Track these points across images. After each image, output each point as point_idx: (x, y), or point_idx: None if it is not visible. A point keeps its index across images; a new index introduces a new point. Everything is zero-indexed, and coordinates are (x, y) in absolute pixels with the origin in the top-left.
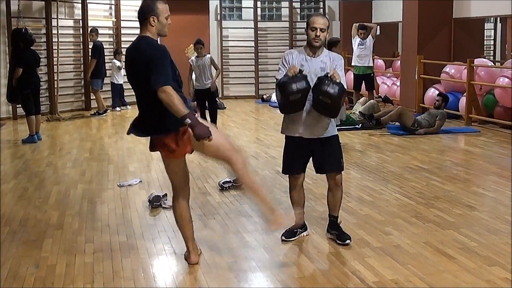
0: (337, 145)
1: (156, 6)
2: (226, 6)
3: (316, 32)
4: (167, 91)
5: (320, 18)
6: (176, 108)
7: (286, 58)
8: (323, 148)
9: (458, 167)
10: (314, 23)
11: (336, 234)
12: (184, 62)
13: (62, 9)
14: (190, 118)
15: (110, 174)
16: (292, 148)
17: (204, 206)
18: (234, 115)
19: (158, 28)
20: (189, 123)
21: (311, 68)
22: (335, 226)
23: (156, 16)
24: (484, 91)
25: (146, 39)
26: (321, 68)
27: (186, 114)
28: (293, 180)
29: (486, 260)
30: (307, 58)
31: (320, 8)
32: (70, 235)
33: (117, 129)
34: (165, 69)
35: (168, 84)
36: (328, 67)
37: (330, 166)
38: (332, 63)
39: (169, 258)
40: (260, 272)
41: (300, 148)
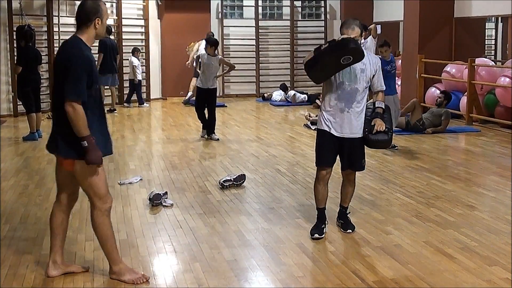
0: (362, 146)
1: (101, 7)
2: (227, 4)
3: None
4: (76, 108)
5: (350, 31)
6: (78, 127)
7: None
8: (352, 147)
9: (458, 167)
10: (344, 34)
11: (342, 223)
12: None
13: (63, 7)
14: (88, 141)
15: (111, 172)
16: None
17: (205, 204)
18: (234, 113)
19: (100, 31)
20: (85, 146)
21: (351, 69)
22: (343, 216)
23: (101, 18)
24: (485, 90)
25: (75, 42)
26: (361, 69)
27: (86, 136)
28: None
29: (486, 260)
30: None
31: (322, 7)
32: (71, 233)
33: (118, 127)
34: (80, 81)
35: (79, 99)
36: (368, 69)
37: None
38: (371, 67)
39: (169, 257)
40: (260, 271)
41: (332, 144)
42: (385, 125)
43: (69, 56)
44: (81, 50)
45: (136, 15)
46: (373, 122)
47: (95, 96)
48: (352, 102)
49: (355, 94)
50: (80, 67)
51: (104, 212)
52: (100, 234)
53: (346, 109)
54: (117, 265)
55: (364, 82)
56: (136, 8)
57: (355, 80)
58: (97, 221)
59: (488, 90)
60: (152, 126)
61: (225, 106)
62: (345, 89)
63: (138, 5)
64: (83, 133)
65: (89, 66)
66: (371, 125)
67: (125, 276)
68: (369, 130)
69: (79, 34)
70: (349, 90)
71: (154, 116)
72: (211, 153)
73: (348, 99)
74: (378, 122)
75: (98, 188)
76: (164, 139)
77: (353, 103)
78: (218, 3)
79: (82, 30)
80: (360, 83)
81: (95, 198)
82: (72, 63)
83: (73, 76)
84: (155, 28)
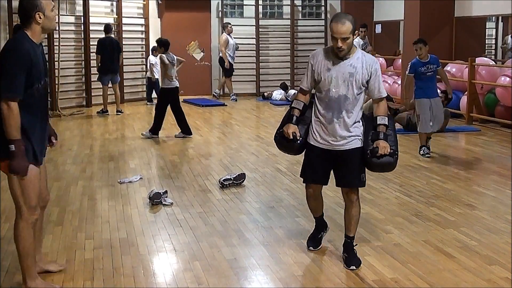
0: (359, 158)
1: (39, 1)
2: (227, 3)
3: (337, 42)
4: (11, 107)
5: (340, 25)
6: (10, 128)
7: (311, 63)
8: (346, 160)
9: (458, 166)
10: (333, 32)
11: (346, 256)
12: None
13: (63, 6)
14: (16, 146)
15: (111, 170)
16: (313, 158)
17: (204, 203)
18: (235, 112)
19: (46, 24)
20: (12, 150)
21: (338, 73)
22: (348, 247)
23: (41, 11)
24: (485, 90)
25: (18, 37)
26: (350, 73)
27: (16, 140)
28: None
29: (486, 259)
30: (334, 61)
31: (322, 6)
32: (70, 232)
33: (118, 125)
34: (16, 78)
35: (15, 97)
36: (358, 73)
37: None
38: (364, 70)
39: (169, 255)
40: (260, 270)
41: (321, 159)
42: (389, 147)
43: (5, 51)
44: (20, 45)
45: (136, 14)
46: (375, 144)
47: (38, 96)
48: (341, 111)
49: (344, 102)
50: (15, 63)
51: (30, 224)
52: (22, 247)
53: (335, 119)
54: (33, 280)
55: (355, 88)
56: (136, 7)
57: (342, 85)
58: (22, 233)
59: (488, 89)
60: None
61: (225, 105)
62: (332, 96)
63: (139, 4)
64: (13, 136)
65: (27, 62)
66: (373, 147)
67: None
68: (371, 153)
69: (25, 29)
70: (337, 98)
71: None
72: (211, 152)
73: (337, 108)
74: (381, 145)
75: (30, 198)
76: (164, 138)
77: (342, 112)
78: (218, 2)
79: (26, 26)
80: (349, 89)
81: (23, 208)
82: (7, 59)
83: (7, 73)
84: (155, 27)
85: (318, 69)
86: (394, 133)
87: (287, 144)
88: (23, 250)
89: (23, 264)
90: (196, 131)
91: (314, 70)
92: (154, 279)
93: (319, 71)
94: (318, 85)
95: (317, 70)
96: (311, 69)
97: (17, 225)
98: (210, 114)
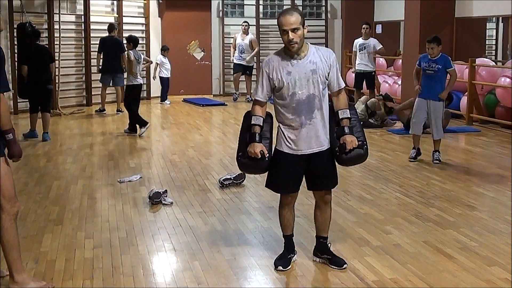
0: (332, 157)
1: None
2: (228, 3)
3: (288, 35)
4: (3, 100)
5: (288, 16)
6: (6, 119)
7: (266, 71)
8: (318, 162)
9: (458, 167)
10: (282, 24)
11: (329, 258)
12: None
13: (64, 4)
14: (13, 134)
15: (111, 170)
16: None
17: (204, 203)
18: (235, 112)
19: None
20: (9, 138)
21: (300, 73)
22: (325, 249)
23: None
24: (485, 90)
25: None
26: (312, 70)
27: (11, 129)
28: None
29: (485, 260)
30: (292, 62)
31: (322, 6)
32: (70, 231)
33: (118, 125)
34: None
35: (7, 90)
36: (320, 68)
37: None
38: (323, 63)
39: (168, 255)
40: (260, 270)
41: (296, 166)
42: (357, 139)
43: None
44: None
45: (137, 13)
46: (342, 140)
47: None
48: (312, 111)
49: (313, 102)
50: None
51: (12, 216)
52: (6, 240)
53: (308, 122)
54: (20, 274)
55: (320, 84)
56: (136, 6)
57: (307, 85)
58: (5, 225)
59: (489, 90)
60: (152, 124)
61: (225, 105)
62: (300, 99)
63: (139, 3)
64: (9, 125)
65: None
66: (341, 144)
67: (29, 285)
68: (340, 149)
69: None
70: (305, 99)
71: (154, 115)
72: (211, 151)
73: (307, 110)
74: (348, 140)
75: (7, 189)
76: (164, 137)
77: (313, 112)
78: (219, 1)
79: None
80: (315, 87)
81: (3, 201)
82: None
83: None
84: (155, 27)
85: (277, 76)
86: (358, 123)
87: (255, 164)
88: (7, 243)
89: (8, 258)
90: (196, 130)
91: (271, 78)
92: (154, 279)
93: (278, 77)
94: (280, 92)
95: (275, 77)
96: (267, 78)
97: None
98: (210, 113)
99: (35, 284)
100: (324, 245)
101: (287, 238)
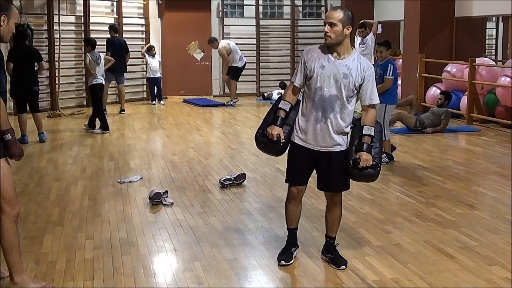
0: (343, 162)
1: (11, 8)
2: (228, 3)
3: (325, 28)
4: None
5: (331, 11)
6: (3, 119)
7: (304, 58)
8: (329, 162)
9: (459, 166)
10: (325, 18)
11: (331, 257)
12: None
13: (63, 5)
14: (11, 134)
15: (111, 170)
16: (297, 157)
17: (205, 203)
18: (235, 112)
19: (4, 31)
20: (8, 139)
21: (332, 72)
22: (331, 248)
23: (8, 17)
24: (485, 90)
25: None
26: (344, 74)
27: (9, 129)
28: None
29: (486, 259)
30: (330, 59)
31: (322, 6)
32: (71, 232)
33: (118, 125)
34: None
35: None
36: (353, 76)
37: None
38: (358, 73)
39: (169, 255)
40: (260, 270)
41: (305, 158)
42: (372, 160)
43: None
44: None
45: (137, 14)
46: (358, 155)
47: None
48: (331, 112)
49: (334, 103)
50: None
51: (12, 218)
52: (6, 242)
53: (323, 119)
54: (20, 275)
55: (347, 90)
56: (136, 7)
57: (335, 85)
58: (5, 227)
59: (489, 89)
60: (153, 125)
61: (225, 105)
62: (323, 95)
63: (139, 4)
64: (6, 126)
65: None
66: (355, 158)
67: (29, 286)
68: (353, 163)
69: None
70: (328, 97)
71: (155, 115)
72: (211, 152)
73: (326, 108)
74: (363, 158)
75: (7, 191)
76: (165, 138)
77: (332, 113)
78: (218, 2)
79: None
80: (341, 89)
81: (3, 202)
82: None
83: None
84: (155, 27)
85: (311, 65)
86: (379, 143)
87: (270, 145)
88: (7, 245)
89: (8, 259)
90: (196, 131)
91: (306, 66)
92: (155, 279)
93: (312, 67)
94: (309, 82)
95: (310, 66)
96: (304, 64)
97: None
98: (211, 114)
99: (35, 285)
100: (330, 244)
101: (291, 231)
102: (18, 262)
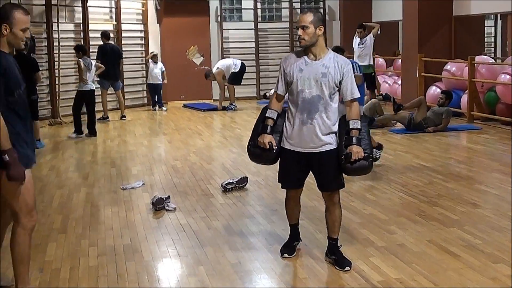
0: (335, 160)
1: (13, 15)
2: (226, 7)
3: (298, 31)
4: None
5: (301, 15)
6: (1, 139)
7: (283, 66)
8: (321, 162)
9: (460, 165)
10: (297, 22)
11: (335, 259)
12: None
13: (62, 13)
14: (9, 155)
15: (113, 177)
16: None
17: (207, 208)
18: (235, 116)
19: (10, 39)
20: (6, 160)
21: (310, 74)
22: (334, 250)
23: (9, 25)
24: (485, 88)
25: None
26: (322, 73)
27: (7, 150)
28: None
29: (490, 257)
30: (307, 61)
31: (320, 8)
32: (74, 239)
33: (119, 131)
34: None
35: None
36: (331, 74)
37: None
38: (336, 70)
39: (173, 261)
40: (265, 273)
41: (295, 162)
42: (363, 151)
43: None
44: None
45: (135, 19)
46: (349, 149)
47: (21, 102)
48: (315, 112)
49: (318, 103)
50: None
51: (28, 230)
52: (18, 253)
53: (309, 121)
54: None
55: (328, 88)
56: (135, 13)
57: (315, 86)
58: (19, 239)
59: (489, 87)
60: (154, 130)
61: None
62: (305, 97)
63: (137, 10)
64: (4, 146)
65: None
66: (347, 153)
67: None
68: (345, 158)
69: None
70: (310, 98)
71: (155, 121)
72: (213, 156)
73: (310, 110)
74: (354, 150)
75: (27, 204)
76: (166, 143)
77: (316, 113)
78: (217, 6)
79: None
80: (322, 89)
81: (20, 214)
82: None
83: None
84: (154, 33)
85: (290, 71)
86: (368, 135)
87: (263, 154)
88: (18, 256)
89: (17, 270)
90: (197, 135)
91: (286, 73)
92: (159, 285)
93: (292, 72)
94: (291, 87)
95: (289, 71)
96: (283, 72)
97: (14, 232)
98: (211, 118)
99: None
100: (333, 246)
101: (292, 226)
102: (25, 274)
